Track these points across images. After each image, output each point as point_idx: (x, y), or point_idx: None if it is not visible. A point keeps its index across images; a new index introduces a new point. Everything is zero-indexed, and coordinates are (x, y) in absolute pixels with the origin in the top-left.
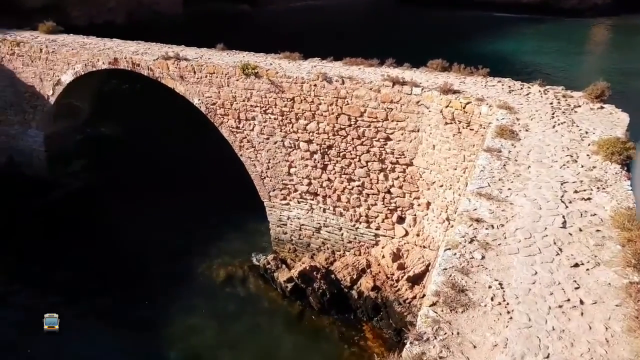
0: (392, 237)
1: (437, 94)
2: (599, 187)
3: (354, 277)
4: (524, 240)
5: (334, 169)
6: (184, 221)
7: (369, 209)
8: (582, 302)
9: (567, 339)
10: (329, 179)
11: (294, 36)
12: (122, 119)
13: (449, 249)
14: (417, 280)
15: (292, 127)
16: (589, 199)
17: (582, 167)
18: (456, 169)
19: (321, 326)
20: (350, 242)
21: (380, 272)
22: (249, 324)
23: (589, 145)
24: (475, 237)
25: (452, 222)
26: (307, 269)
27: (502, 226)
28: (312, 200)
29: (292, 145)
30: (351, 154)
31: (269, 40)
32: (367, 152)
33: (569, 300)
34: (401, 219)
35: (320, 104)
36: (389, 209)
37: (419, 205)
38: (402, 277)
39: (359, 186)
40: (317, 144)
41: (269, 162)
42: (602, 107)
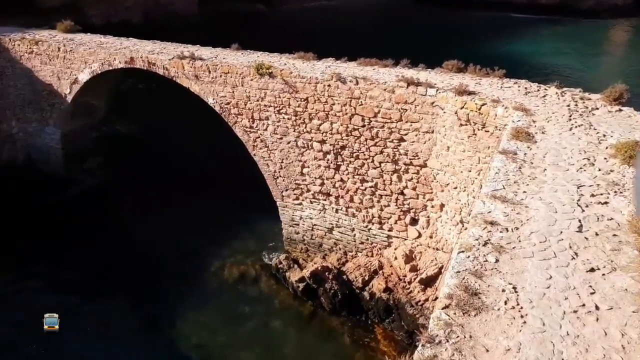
0: (405, 239)
1: (452, 95)
2: (616, 191)
3: (366, 278)
4: (539, 244)
5: (347, 169)
6: (197, 220)
7: (382, 210)
8: (597, 308)
9: (581, 344)
10: (341, 180)
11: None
12: (137, 118)
13: (463, 251)
14: (429, 282)
15: (306, 127)
16: (606, 203)
17: (599, 170)
18: (471, 171)
19: (332, 327)
20: (362, 243)
21: (392, 273)
22: (260, 324)
23: (607, 148)
24: (489, 240)
25: (466, 225)
26: (319, 269)
27: (517, 229)
28: (325, 200)
29: (305, 145)
30: (364, 155)
31: (284, 40)
32: (381, 152)
33: (584, 305)
34: (414, 221)
35: (333, 104)
36: (402, 210)
37: (433, 207)
38: (415, 279)
39: (372, 187)
40: (331, 144)
41: (282, 162)
42: (620, 110)
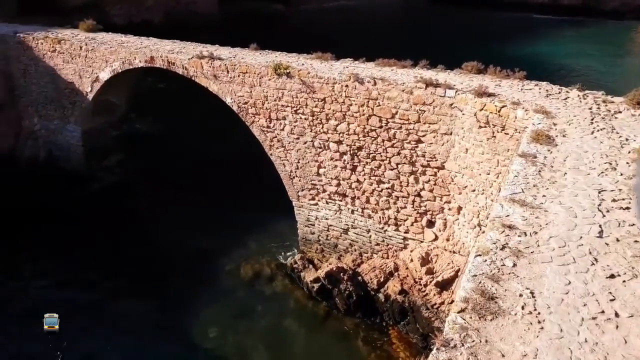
0: (421, 241)
1: (471, 97)
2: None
3: (381, 280)
4: (558, 249)
5: (364, 170)
6: (213, 218)
7: (398, 211)
8: (617, 315)
9: (600, 352)
10: (358, 181)
11: (326, 36)
12: (157, 117)
13: (480, 255)
14: (445, 285)
15: (323, 127)
16: (628, 208)
17: (621, 175)
18: (489, 174)
19: (347, 328)
20: (378, 244)
21: (408, 276)
22: (274, 323)
23: (629, 152)
24: (507, 244)
25: (484, 228)
26: (334, 269)
27: (536, 234)
28: (341, 201)
29: (322, 145)
30: (381, 156)
31: (302, 40)
32: (398, 154)
33: (603, 312)
34: (431, 223)
35: (351, 104)
36: (418, 213)
37: (450, 209)
38: (431, 281)
39: (389, 188)
40: (347, 145)
41: (299, 162)
42: None
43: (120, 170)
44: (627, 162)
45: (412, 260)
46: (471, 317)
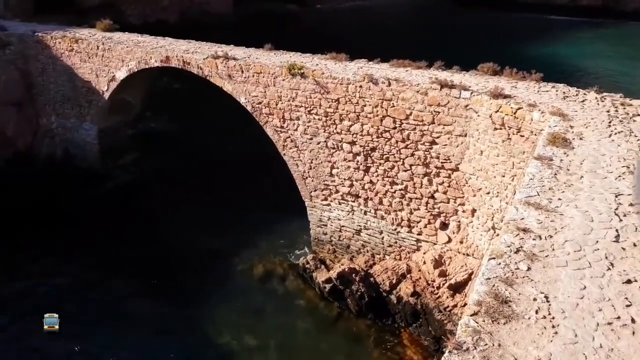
0: (435, 243)
1: (486, 98)
2: None
3: (394, 281)
4: (573, 253)
5: (377, 171)
6: (226, 217)
7: (412, 213)
8: (633, 321)
9: (615, 358)
10: (371, 181)
11: (341, 37)
12: (171, 116)
13: (494, 258)
14: (458, 288)
15: (336, 128)
16: None
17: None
18: (504, 176)
19: (358, 329)
20: (390, 246)
21: (420, 278)
22: (285, 323)
23: None
24: (521, 247)
25: (498, 231)
26: (346, 270)
27: (551, 237)
28: (354, 202)
29: (335, 146)
30: (395, 157)
31: (316, 40)
32: (412, 155)
33: (619, 317)
34: (444, 225)
35: (365, 105)
36: (432, 215)
37: (464, 211)
38: (443, 284)
39: (402, 190)
40: (361, 146)
41: (312, 162)
42: None
43: (135, 168)
44: None
45: (425, 262)
46: (484, 321)
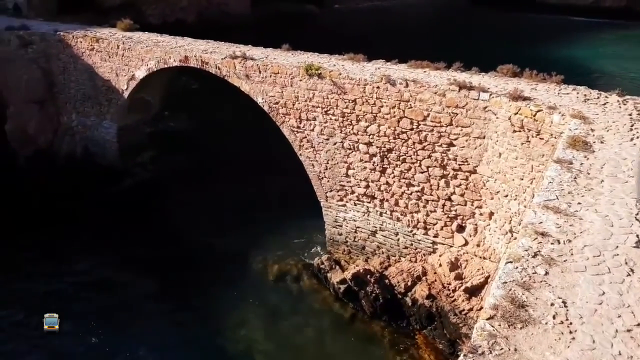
0: (451, 246)
1: (506, 100)
2: None
3: (409, 283)
4: (593, 258)
5: (393, 172)
6: (242, 216)
7: (428, 215)
8: None
9: None
10: (387, 183)
11: (359, 37)
12: (189, 115)
13: (511, 262)
14: (474, 291)
15: (353, 128)
16: None
17: None
18: (523, 179)
19: (372, 331)
20: (406, 247)
21: (436, 280)
22: (298, 323)
23: None
24: (539, 251)
25: (516, 235)
26: (361, 272)
27: (569, 242)
28: (369, 203)
29: (352, 147)
30: (412, 159)
31: (334, 41)
32: (429, 157)
33: (639, 324)
34: (461, 228)
35: (382, 106)
36: (448, 217)
37: (481, 214)
38: (459, 287)
39: (418, 191)
40: (377, 147)
41: (328, 163)
42: None
43: (152, 166)
44: None
45: (440, 264)
46: (500, 325)
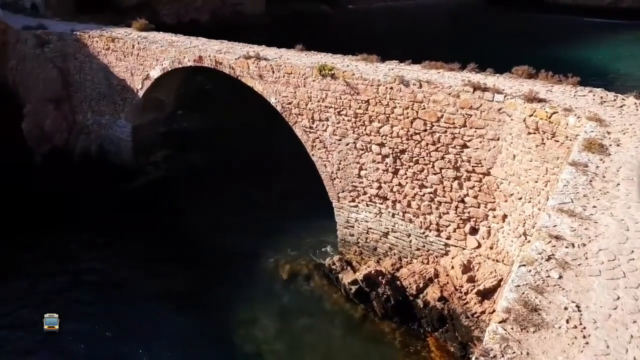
0: (464, 248)
1: (520, 102)
2: None
3: (421, 285)
4: (607, 262)
5: (406, 173)
6: (253, 216)
7: (441, 217)
8: None
9: None
10: (399, 184)
11: (373, 38)
12: (203, 115)
13: (524, 265)
14: (487, 294)
15: (365, 129)
16: None
17: None
18: (537, 182)
19: (383, 332)
20: (418, 249)
21: (448, 282)
22: (309, 323)
23: None
24: (553, 254)
25: (529, 238)
26: (373, 273)
27: (584, 245)
28: (381, 204)
29: (364, 147)
30: (424, 160)
31: (347, 41)
32: (442, 158)
33: None
34: (474, 230)
35: (395, 107)
36: (461, 219)
37: (495, 217)
38: (472, 290)
39: (431, 193)
40: (390, 148)
41: (340, 164)
42: None
43: (166, 165)
44: None
45: (453, 267)
46: (512, 328)
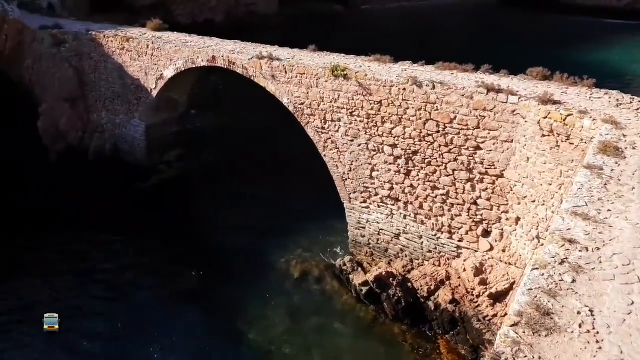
0: (476, 251)
1: (535, 104)
2: None
3: (432, 287)
4: (622, 266)
5: (418, 175)
6: (265, 216)
7: (453, 219)
8: None
9: None
10: (411, 185)
11: (386, 38)
12: (216, 115)
13: (537, 268)
14: (499, 297)
15: (378, 130)
16: None
17: None
18: (551, 185)
19: (394, 334)
20: (430, 251)
21: (460, 285)
22: (319, 323)
23: None
24: (566, 258)
25: (543, 241)
26: (384, 274)
27: (598, 249)
28: (393, 205)
29: (376, 148)
30: (437, 162)
31: (360, 41)
32: (455, 160)
33: None
34: (487, 233)
35: (408, 108)
36: (474, 221)
37: (508, 219)
38: (484, 293)
39: (444, 195)
40: (402, 149)
41: (352, 164)
42: None
43: (179, 164)
44: None
45: (465, 269)
46: (524, 332)
